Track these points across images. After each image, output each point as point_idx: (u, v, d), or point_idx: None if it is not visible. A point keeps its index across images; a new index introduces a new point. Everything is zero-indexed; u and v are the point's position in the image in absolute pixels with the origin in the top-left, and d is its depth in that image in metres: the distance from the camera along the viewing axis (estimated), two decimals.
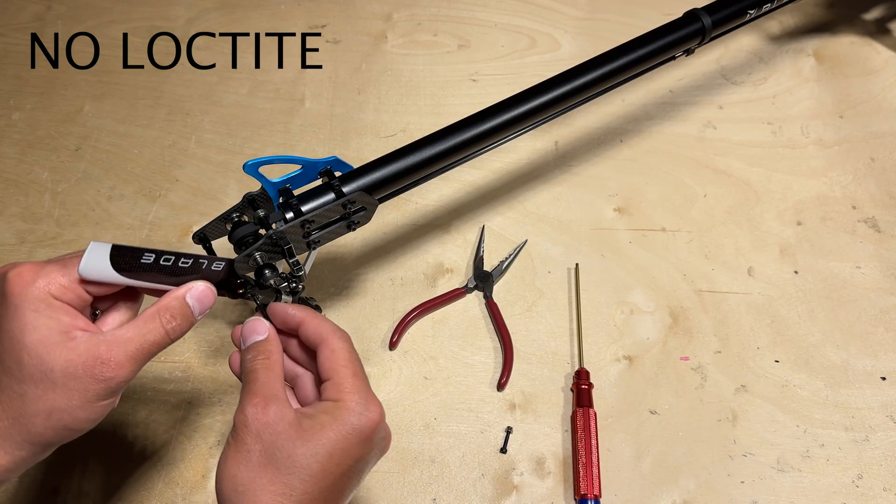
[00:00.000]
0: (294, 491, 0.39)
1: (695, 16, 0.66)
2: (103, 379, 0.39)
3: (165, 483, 0.59)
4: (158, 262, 0.44)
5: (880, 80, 0.87)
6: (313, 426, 0.40)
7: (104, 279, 0.42)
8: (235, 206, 0.53)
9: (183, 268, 0.44)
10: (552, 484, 0.60)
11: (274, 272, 0.49)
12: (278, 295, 0.51)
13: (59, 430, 0.39)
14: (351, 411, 0.41)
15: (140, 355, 0.41)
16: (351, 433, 0.40)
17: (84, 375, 0.39)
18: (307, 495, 0.39)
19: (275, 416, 0.40)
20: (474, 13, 0.95)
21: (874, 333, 0.68)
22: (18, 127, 0.83)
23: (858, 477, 0.60)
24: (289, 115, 0.84)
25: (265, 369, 0.43)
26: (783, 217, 0.76)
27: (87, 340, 0.39)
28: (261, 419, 0.40)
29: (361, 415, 0.41)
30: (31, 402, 0.39)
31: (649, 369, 0.66)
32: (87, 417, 0.40)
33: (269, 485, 0.39)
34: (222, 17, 0.94)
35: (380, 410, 0.42)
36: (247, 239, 0.50)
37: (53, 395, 0.38)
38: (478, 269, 0.71)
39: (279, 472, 0.39)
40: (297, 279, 0.51)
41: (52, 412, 0.39)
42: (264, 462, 0.39)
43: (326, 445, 0.40)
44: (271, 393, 0.41)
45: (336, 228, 0.53)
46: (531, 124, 0.60)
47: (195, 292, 0.43)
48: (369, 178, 0.54)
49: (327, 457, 0.40)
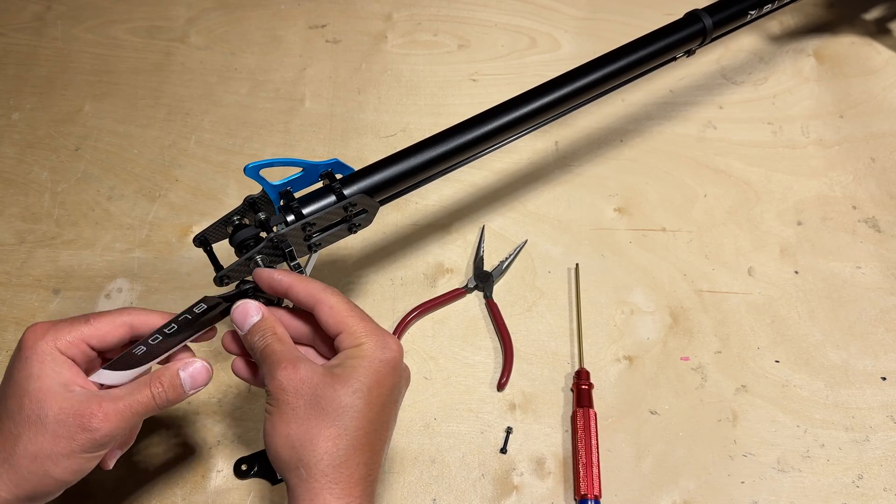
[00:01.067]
0: (348, 429, 0.41)
1: (696, 17, 0.66)
2: (89, 429, 0.41)
3: (165, 483, 0.59)
4: (149, 342, 0.46)
5: (880, 80, 0.87)
6: (345, 371, 0.43)
7: (120, 382, 0.45)
8: (236, 209, 0.52)
9: (171, 334, 0.46)
10: (552, 484, 0.60)
11: None
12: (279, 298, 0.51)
13: (40, 476, 0.41)
14: (375, 348, 0.44)
15: (126, 413, 0.43)
16: (381, 366, 0.43)
17: (72, 423, 0.41)
18: (361, 430, 0.42)
19: (307, 372, 0.42)
20: (474, 13, 0.94)
21: (874, 333, 0.68)
22: (18, 127, 0.83)
23: (859, 477, 0.60)
24: (289, 115, 0.84)
25: (277, 342, 0.45)
26: (783, 217, 0.76)
27: (83, 394, 0.42)
28: (295, 378, 0.42)
29: (384, 349, 0.44)
30: (22, 444, 0.41)
31: (649, 369, 0.66)
32: (68, 467, 0.41)
33: (324, 430, 0.41)
34: (222, 17, 0.94)
35: (397, 342, 0.45)
36: (248, 242, 0.50)
37: (42, 440, 0.41)
38: (478, 269, 0.71)
39: (328, 416, 0.41)
40: None
41: (37, 455, 0.41)
42: (312, 413, 0.41)
43: (365, 381, 0.42)
44: (294, 356, 0.44)
45: (337, 231, 0.53)
46: (533, 126, 0.60)
47: (189, 369, 0.46)
48: (370, 180, 0.54)
49: (367, 391, 0.42)
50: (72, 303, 0.69)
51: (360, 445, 0.42)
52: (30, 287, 0.70)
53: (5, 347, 0.66)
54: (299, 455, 0.41)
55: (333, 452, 0.41)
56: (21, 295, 0.69)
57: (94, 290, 0.70)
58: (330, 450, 0.41)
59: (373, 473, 0.43)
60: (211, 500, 0.58)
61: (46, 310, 0.68)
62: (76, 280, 0.70)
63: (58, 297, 0.69)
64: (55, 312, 0.68)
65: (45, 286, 0.70)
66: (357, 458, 0.41)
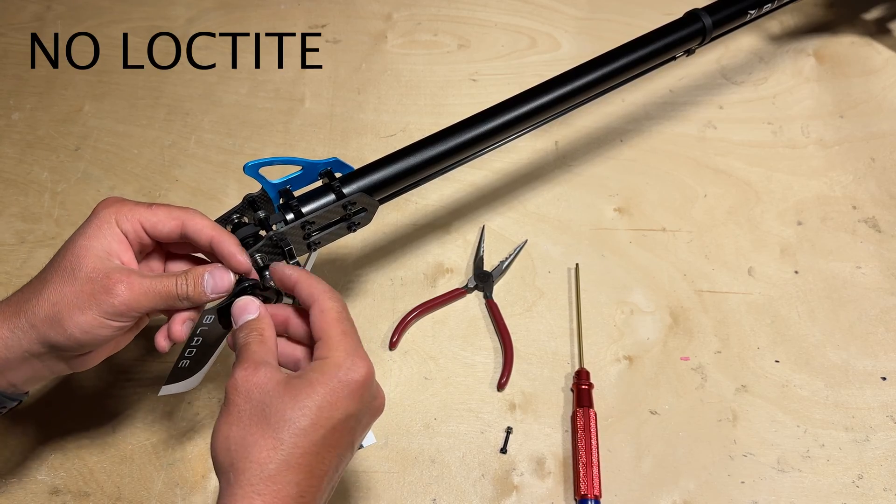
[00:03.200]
0: (284, 444, 0.39)
1: (695, 16, 0.66)
2: (111, 292, 0.43)
3: (165, 483, 0.59)
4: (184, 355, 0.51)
5: (881, 80, 0.87)
6: (301, 384, 0.41)
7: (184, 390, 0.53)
8: (236, 207, 0.52)
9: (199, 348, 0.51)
10: (552, 484, 0.60)
11: None
12: (279, 297, 0.51)
13: (53, 321, 0.43)
14: (338, 366, 0.42)
15: (148, 293, 0.45)
16: (338, 387, 0.41)
17: (99, 282, 0.43)
18: (298, 448, 0.40)
19: (264, 378, 0.41)
20: (474, 13, 0.94)
21: (874, 333, 0.68)
22: (18, 127, 0.83)
23: (859, 477, 0.60)
24: (289, 115, 0.84)
25: (258, 343, 0.44)
26: (783, 217, 0.76)
27: (117, 266, 0.45)
28: (250, 380, 0.41)
29: (349, 369, 0.42)
30: (48, 288, 0.44)
31: (649, 369, 0.66)
32: (80, 323, 0.43)
33: (260, 439, 0.40)
34: (222, 17, 0.94)
35: (367, 366, 0.43)
36: (247, 240, 0.50)
37: (67, 289, 0.43)
38: (478, 269, 0.71)
39: (269, 427, 0.40)
40: None
41: (57, 302, 0.43)
42: (255, 420, 0.40)
43: (315, 399, 0.41)
44: (262, 360, 0.43)
45: (337, 230, 0.53)
46: (532, 125, 0.60)
47: (214, 272, 0.47)
48: (370, 179, 0.54)
49: (316, 410, 0.40)
50: None
51: (295, 464, 0.39)
52: None
53: None
54: (232, 459, 0.40)
55: (264, 464, 0.39)
56: None
57: None
58: (261, 460, 0.39)
59: (306, 497, 0.40)
60: (211, 500, 0.58)
61: None
62: None
63: None
64: None
65: None
66: (289, 476, 0.39)
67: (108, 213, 0.46)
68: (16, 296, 0.45)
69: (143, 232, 0.47)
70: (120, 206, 0.46)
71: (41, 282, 0.44)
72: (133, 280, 0.44)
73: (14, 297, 0.45)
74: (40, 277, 0.45)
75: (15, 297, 0.45)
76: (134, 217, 0.46)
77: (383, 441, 0.62)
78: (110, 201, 0.47)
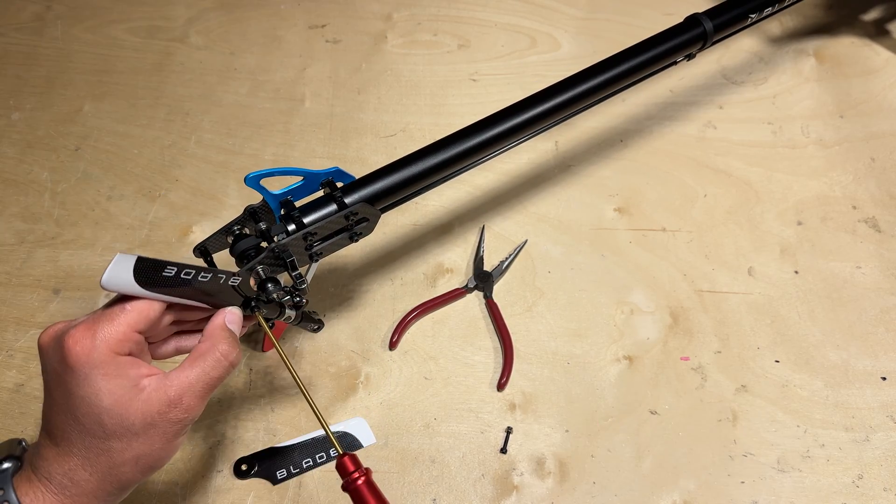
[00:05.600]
0: None
1: (696, 21, 0.65)
2: (178, 421, 0.42)
3: (165, 483, 0.59)
4: (179, 275, 0.42)
5: (880, 80, 0.87)
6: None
7: (126, 291, 0.41)
8: (237, 218, 0.51)
9: (203, 282, 0.44)
10: (552, 484, 0.60)
11: (277, 286, 0.48)
12: (282, 309, 0.50)
13: (145, 471, 0.42)
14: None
15: (206, 392, 0.43)
16: None
17: (161, 422, 0.41)
18: None
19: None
20: (474, 13, 0.94)
21: (874, 333, 0.68)
22: (18, 127, 0.83)
23: (859, 477, 0.60)
24: (289, 115, 0.84)
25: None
26: (783, 217, 0.76)
27: (157, 388, 0.41)
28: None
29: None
30: (118, 455, 0.41)
31: (649, 369, 0.66)
32: (168, 455, 0.43)
33: None
34: (222, 16, 0.94)
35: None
36: (248, 252, 0.49)
37: (137, 444, 0.41)
38: (478, 269, 0.71)
39: None
40: (301, 292, 0.51)
41: (138, 459, 0.41)
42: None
43: None
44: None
45: (339, 240, 0.52)
46: (534, 132, 0.60)
47: (231, 317, 0.46)
48: (371, 188, 0.53)
49: None
50: (72, 303, 0.69)
51: None
52: (30, 287, 0.70)
53: (5, 347, 0.66)
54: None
55: None
56: (21, 295, 0.69)
57: (94, 290, 0.70)
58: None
59: None
60: (211, 499, 0.58)
61: (46, 310, 0.68)
62: (76, 280, 0.70)
63: (58, 297, 0.69)
64: (55, 312, 0.68)
65: (45, 286, 0.70)
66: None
67: (100, 356, 0.40)
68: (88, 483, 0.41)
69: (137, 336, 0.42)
70: (102, 336, 0.40)
71: (100, 454, 0.41)
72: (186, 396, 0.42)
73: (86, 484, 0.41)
74: (95, 451, 0.40)
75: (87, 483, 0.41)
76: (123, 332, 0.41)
77: (383, 441, 0.62)
78: (82, 340, 0.40)
